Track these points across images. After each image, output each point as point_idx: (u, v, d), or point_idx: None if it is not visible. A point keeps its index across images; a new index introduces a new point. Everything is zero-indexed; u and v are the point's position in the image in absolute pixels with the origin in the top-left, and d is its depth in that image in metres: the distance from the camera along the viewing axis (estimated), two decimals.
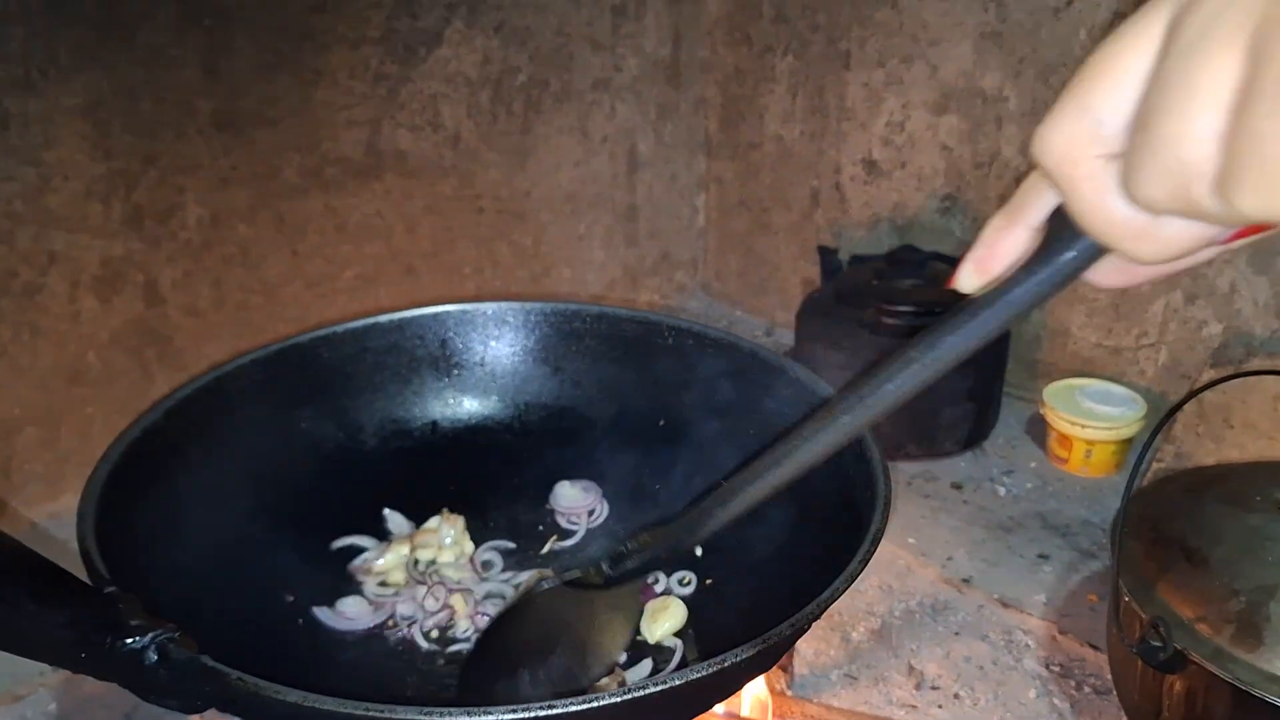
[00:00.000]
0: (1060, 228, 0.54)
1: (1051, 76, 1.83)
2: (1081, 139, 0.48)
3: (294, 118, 1.77)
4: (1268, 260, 1.72)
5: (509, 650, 1.07)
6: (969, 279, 0.60)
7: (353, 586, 1.26)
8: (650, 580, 1.27)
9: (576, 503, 1.38)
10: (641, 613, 1.19)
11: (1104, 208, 0.49)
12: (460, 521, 1.33)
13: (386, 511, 1.35)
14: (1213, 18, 0.43)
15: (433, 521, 1.33)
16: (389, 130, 1.90)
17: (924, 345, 0.65)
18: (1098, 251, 0.54)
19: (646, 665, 1.17)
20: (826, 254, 2.07)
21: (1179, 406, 1.32)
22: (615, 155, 2.26)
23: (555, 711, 0.86)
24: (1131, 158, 0.47)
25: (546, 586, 1.06)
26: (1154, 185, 0.45)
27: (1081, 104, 0.48)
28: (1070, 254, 0.54)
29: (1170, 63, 0.45)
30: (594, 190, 2.25)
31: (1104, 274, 0.55)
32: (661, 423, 1.40)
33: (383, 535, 1.34)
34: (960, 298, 0.61)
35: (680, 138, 2.37)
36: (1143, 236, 0.48)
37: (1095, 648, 1.50)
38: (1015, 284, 0.57)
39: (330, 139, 1.83)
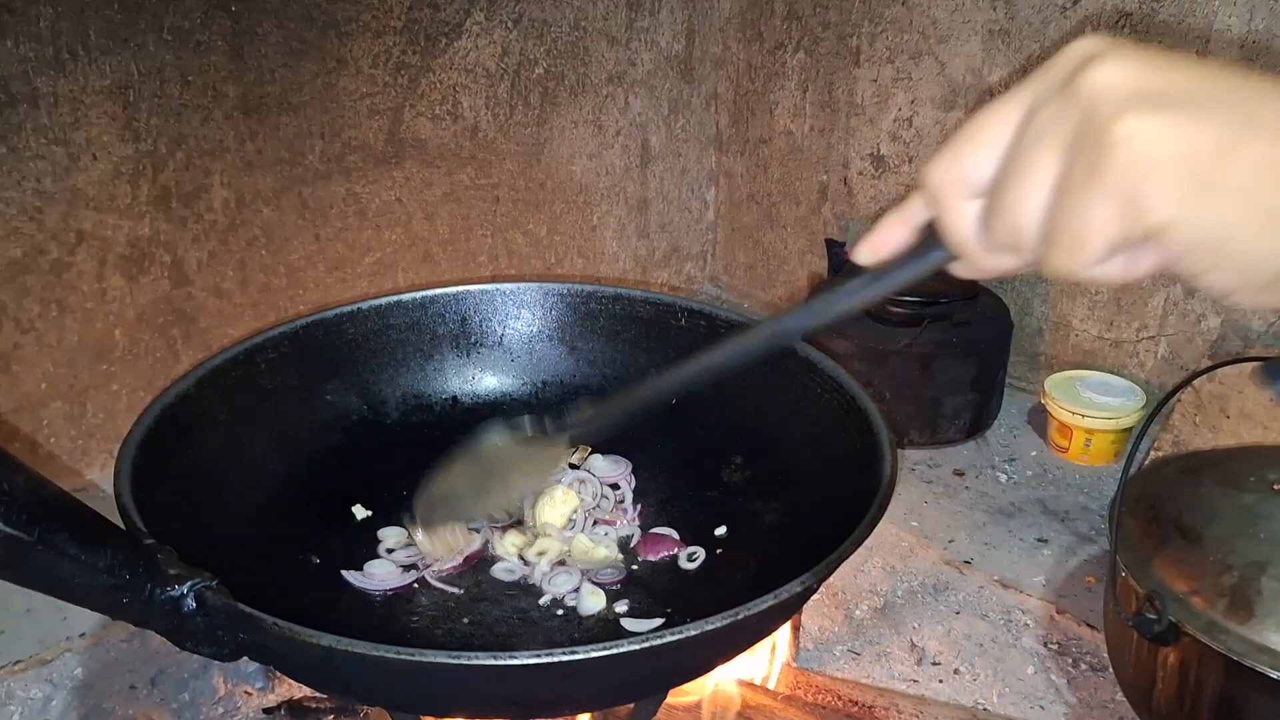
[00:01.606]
0: (933, 234, 0.70)
1: None
2: (953, 183, 0.65)
3: (317, 104, 1.81)
4: None
5: (452, 483, 1.21)
6: (863, 256, 0.75)
7: (378, 550, 1.30)
8: (670, 553, 1.31)
9: (607, 473, 1.41)
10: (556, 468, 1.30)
11: (960, 232, 0.66)
12: None
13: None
14: (1046, 126, 0.59)
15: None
16: (410, 119, 1.94)
17: (822, 296, 0.82)
18: (952, 257, 0.70)
19: (655, 620, 1.21)
20: (834, 247, 2.10)
21: (1177, 390, 1.36)
22: (628, 148, 2.30)
23: (578, 657, 0.89)
24: (987, 212, 0.63)
25: (494, 437, 1.18)
26: (999, 234, 0.63)
27: (957, 157, 0.64)
28: (936, 254, 0.70)
29: (1017, 152, 0.61)
30: (607, 182, 2.29)
31: (958, 269, 0.70)
32: (674, 401, 1.43)
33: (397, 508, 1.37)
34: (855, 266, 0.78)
35: (692, 132, 2.41)
36: (981, 256, 0.66)
37: (1092, 627, 1.53)
38: (894, 266, 0.73)
39: (352, 126, 1.86)
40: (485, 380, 1.49)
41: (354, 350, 1.42)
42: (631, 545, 1.33)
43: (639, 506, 1.38)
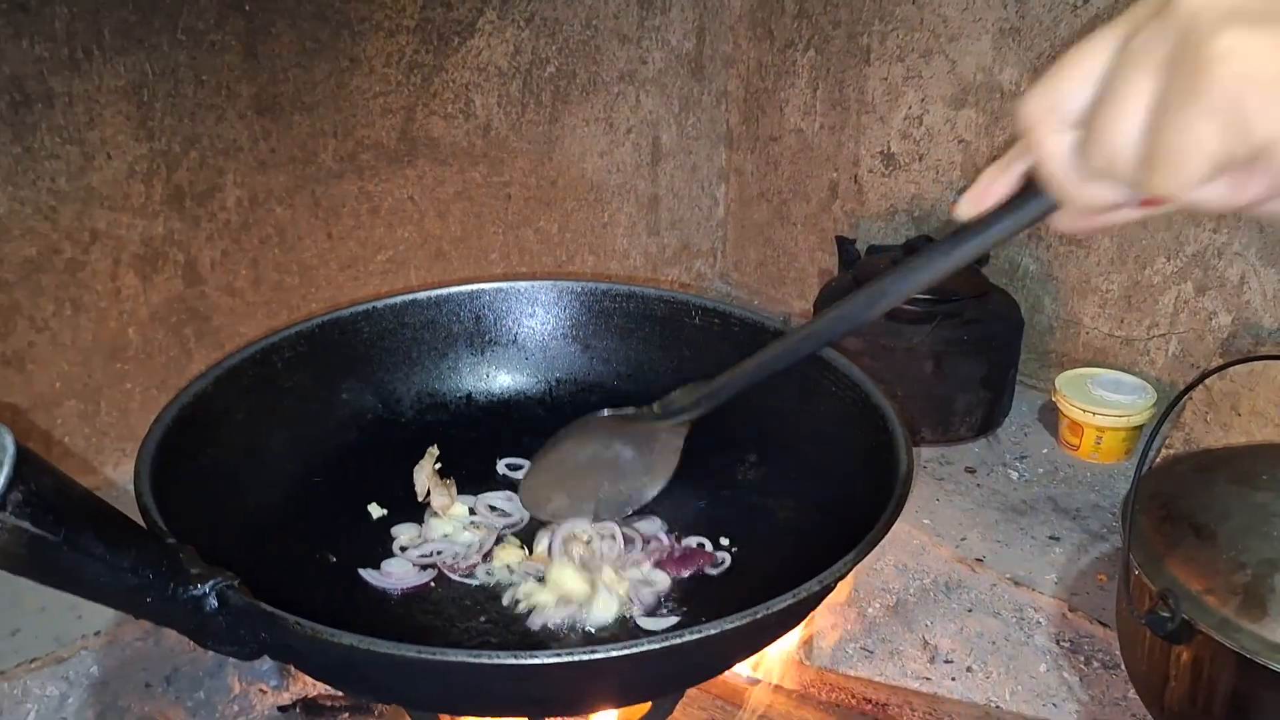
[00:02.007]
0: (1032, 183, 0.70)
1: None
2: (1048, 112, 0.65)
3: (331, 103, 1.81)
4: (1278, 252, 1.76)
5: (561, 469, 1.22)
6: (965, 208, 0.75)
7: (393, 548, 1.30)
8: (700, 566, 1.30)
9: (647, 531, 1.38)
10: (680, 452, 1.22)
11: (1056, 163, 0.65)
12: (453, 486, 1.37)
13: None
14: (1142, 47, 0.59)
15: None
16: (422, 117, 1.94)
17: (927, 253, 0.83)
18: (1054, 204, 0.70)
19: (671, 619, 1.21)
20: (844, 244, 2.11)
21: (1189, 389, 1.36)
22: (639, 146, 2.30)
23: (597, 656, 0.90)
24: (1086, 136, 0.63)
25: (604, 415, 1.18)
26: (1095, 159, 0.62)
27: (1052, 87, 0.64)
28: (1035, 203, 0.70)
29: (1115, 75, 0.60)
30: (618, 180, 2.29)
31: (1058, 220, 0.71)
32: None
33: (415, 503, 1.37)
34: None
35: (702, 130, 2.42)
36: (1080, 190, 0.65)
37: (1105, 625, 1.54)
38: (996, 218, 0.74)
39: (365, 125, 1.87)
40: (499, 378, 1.49)
41: (369, 349, 1.43)
42: (659, 562, 1.31)
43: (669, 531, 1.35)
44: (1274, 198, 0.59)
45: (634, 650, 0.91)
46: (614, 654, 0.90)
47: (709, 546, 1.31)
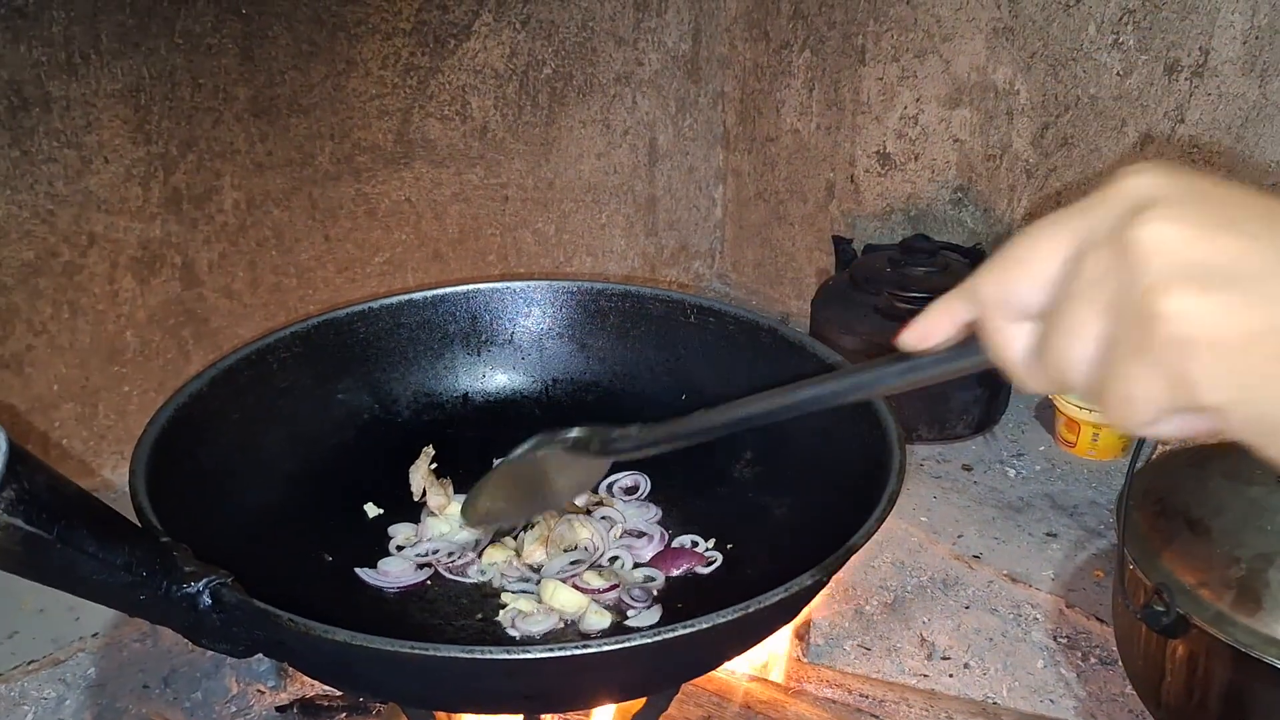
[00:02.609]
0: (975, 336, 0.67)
1: (1061, 70, 1.87)
2: (998, 305, 0.63)
3: (327, 106, 1.82)
4: None
5: (502, 486, 1.15)
6: (909, 341, 0.70)
7: (389, 547, 1.30)
8: (690, 566, 1.30)
9: (634, 521, 1.38)
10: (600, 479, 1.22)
11: (1007, 354, 0.63)
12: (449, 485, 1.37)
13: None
14: (1093, 278, 0.57)
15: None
16: (419, 120, 1.94)
17: (860, 369, 0.78)
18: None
19: (657, 611, 1.21)
20: (841, 243, 2.11)
21: None
22: (636, 147, 2.31)
23: (590, 651, 0.90)
24: (1036, 354, 0.61)
25: (546, 447, 1.09)
26: (1046, 374, 0.60)
27: (1006, 279, 0.62)
28: (981, 356, 0.66)
29: (1064, 299, 0.58)
30: (615, 181, 2.30)
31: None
32: (684, 397, 1.44)
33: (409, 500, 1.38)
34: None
35: (699, 131, 2.42)
36: (1026, 379, 0.63)
37: (1101, 621, 1.54)
38: (938, 357, 0.69)
39: (362, 127, 1.87)
40: (496, 378, 1.50)
41: (365, 349, 1.43)
42: (648, 559, 1.32)
43: (660, 533, 1.36)
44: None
45: (626, 645, 0.91)
46: (606, 648, 0.91)
47: (701, 545, 1.32)
